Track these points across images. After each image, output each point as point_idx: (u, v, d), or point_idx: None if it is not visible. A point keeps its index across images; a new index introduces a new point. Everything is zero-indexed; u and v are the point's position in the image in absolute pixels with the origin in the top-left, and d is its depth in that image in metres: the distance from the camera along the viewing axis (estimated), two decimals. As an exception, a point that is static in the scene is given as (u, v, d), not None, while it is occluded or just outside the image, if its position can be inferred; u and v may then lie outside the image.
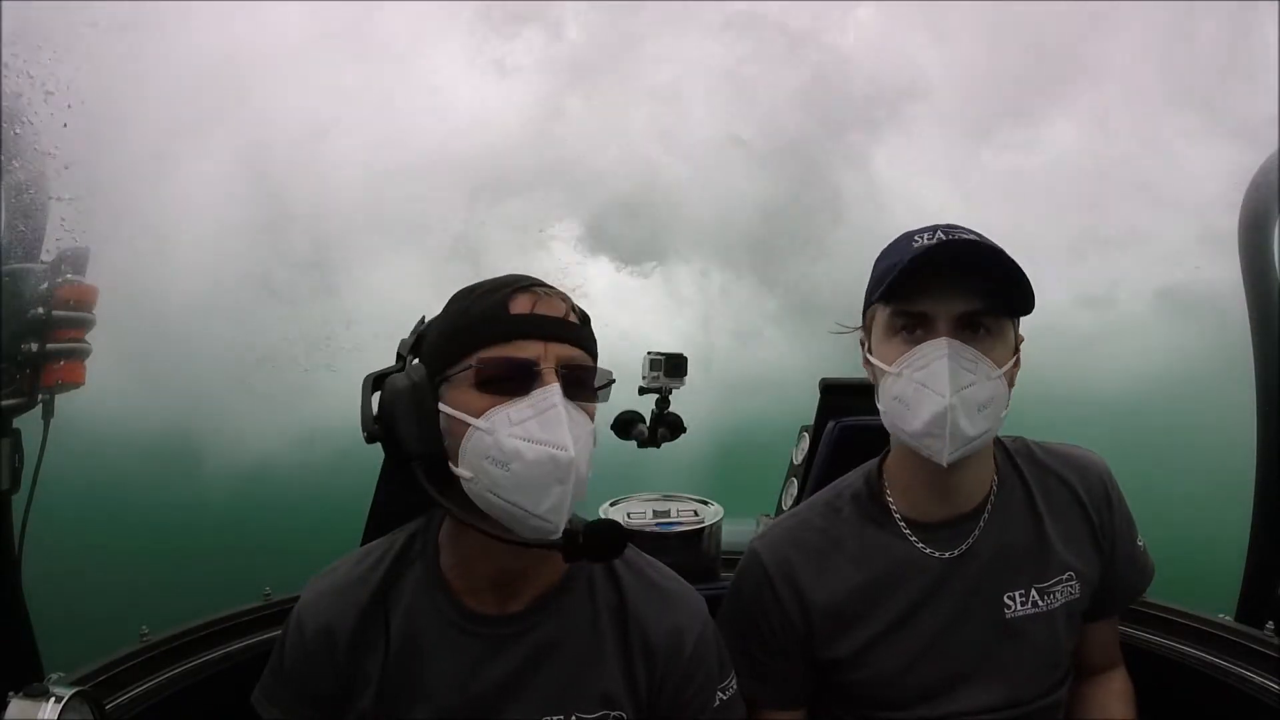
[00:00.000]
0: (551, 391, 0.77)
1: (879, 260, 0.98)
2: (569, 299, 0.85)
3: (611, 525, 0.81)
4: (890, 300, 0.91)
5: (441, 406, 0.80)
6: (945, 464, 0.88)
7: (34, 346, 1.26)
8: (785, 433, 1.81)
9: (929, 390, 0.87)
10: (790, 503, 1.64)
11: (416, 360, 0.85)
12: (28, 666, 1.28)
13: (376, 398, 0.84)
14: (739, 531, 1.68)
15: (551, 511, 0.76)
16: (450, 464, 0.79)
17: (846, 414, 1.39)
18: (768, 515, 1.83)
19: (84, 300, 1.35)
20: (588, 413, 0.82)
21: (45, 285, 1.30)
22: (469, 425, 0.77)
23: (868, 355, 0.98)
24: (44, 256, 1.32)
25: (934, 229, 0.93)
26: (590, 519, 0.94)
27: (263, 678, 0.90)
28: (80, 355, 1.35)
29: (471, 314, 0.81)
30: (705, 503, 1.66)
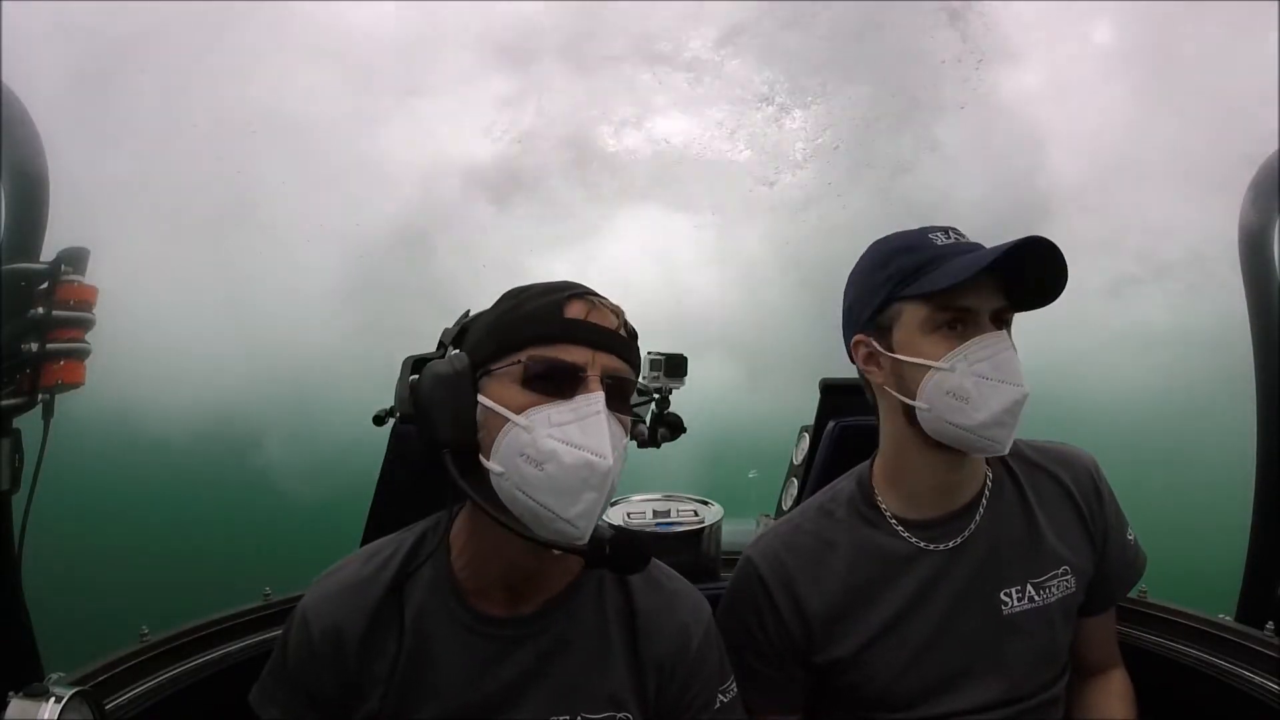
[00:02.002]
0: (596, 399, 0.77)
1: (893, 256, 0.96)
2: (621, 313, 0.85)
3: (638, 540, 0.82)
4: (931, 297, 0.91)
5: (480, 398, 0.80)
6: (1005, 452, 0.92)
7: (34, 346, 1.27)
8: (785, 432, 1.81)
9: (998, 382, 0.89)
10: (790, 503, 1.64)
11: (458, 350, 0.85)
12: (28, 666, 1.28)
13: (411, 381, 0.84)
14: (739, 531, 1.68)
15: (580, 517, 0.76)
16: (480, 456, 0.79)
17: (846, 414, 1.39)
18: (768, 515, 1.83)
19: (84, 300, 1.35)
20: (623, 425, 0.82)
21: (45, 285, 1.30)
22: (507, 420, 0.77)
23: (892, 354, 0.95)
24: (44, 256, 1.33)
25: (945, 230, 0.96)
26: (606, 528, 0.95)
27: (262, 677, 0.90)
28: (80, 355, 1.35)
29: (523, 312, 0.81)
30: (705, 503, 1.66)
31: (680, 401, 1.64)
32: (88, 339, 1.37)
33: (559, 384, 0.78)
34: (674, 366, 1.62)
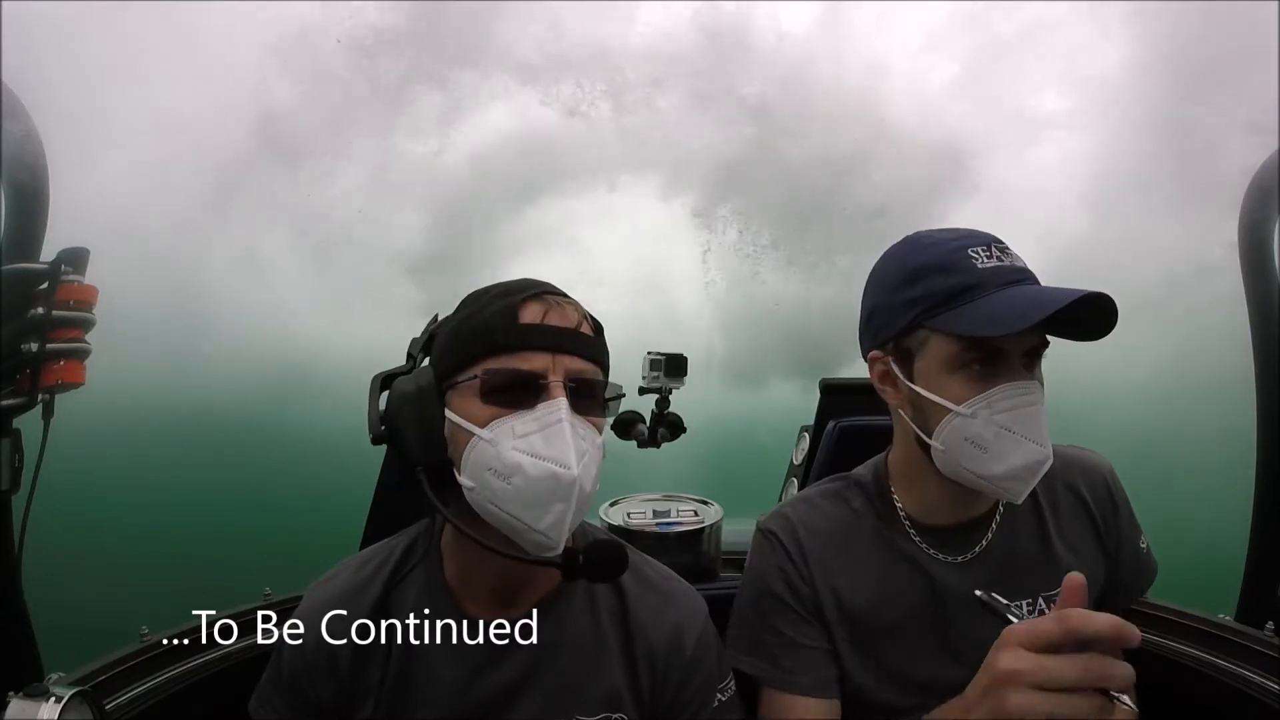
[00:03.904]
0: (557, 405, 0.76)
1: (926, 273, 0.87)
2: (581, 308, 0.83)
3: (613, 546, 0.80)
4: (960, 330, 0.83)
5: (447, 413, 0.79)
6: (1020, 501, 0.88)
7: (34, 346, 1.27)
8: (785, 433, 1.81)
9: (1020, 438, 0.83)
10: (790, 503, 1.64)
11: (426, 362, 0.85)
12: (28, 666, 1.28)
13: (384, 398, 0.83)
14: (739, 531, 1.68)
15: (552, 528, 0.75)
16: (455, 471, 0.79)
17: (846, 414, 1.38)
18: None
19: (84, 300, 1.35)
20: (595, 426, 0.81)
21: (45, 285, 1.30)
22: (473, 435, 0.76)
23: (910, 384, 0.89)
24: (44, 256, 1.33)
25: (987, 244, 0.86)
26: (597, 530, 0.93)
27: (260, 686, 0.89)
28: (80, 355, 1.35)
29: (479, 320, 0.80)
30: (705, 503, 1.66)
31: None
32: (88, 339, 1.36)
33: (519, 394, 0.76)
34: (674, 366, 1.62)
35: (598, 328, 0.84)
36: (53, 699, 0.88)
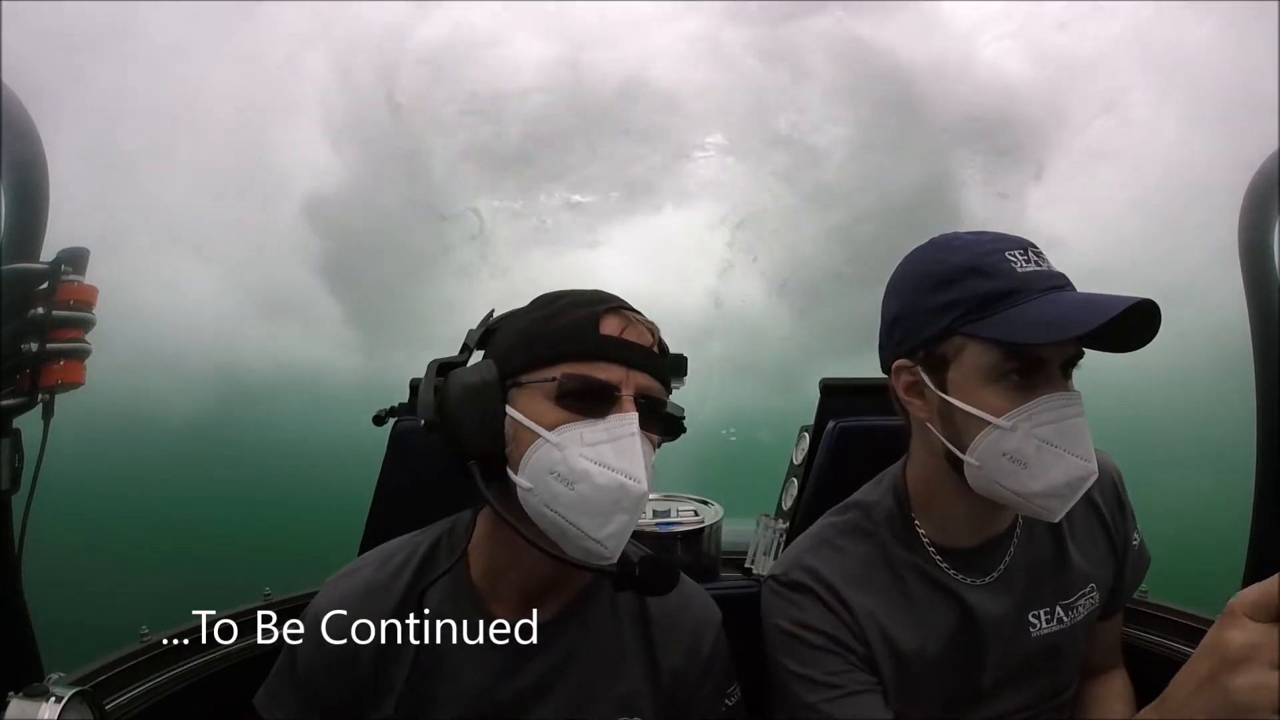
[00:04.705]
0: (630, 419, 0.77)
1: (962, 275, 0.82)
2: (656, 330, 0.84)
3: (667, 563, 0.81)
4: (1004, 337, 0.79)
5: (509, 410, 0.79)
6: (1057, 520, 0.84)
7: (34, 346, 1.26)
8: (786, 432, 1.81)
9: (1063, 452, 0.79)
10: (790, 503, 1.64)
11: (483, 356, 0.84)
12: (28, 666, 1.28)
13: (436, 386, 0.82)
14: (739, 531, 1.68)
15: (610, 538, 0.76)
16: (508, 469, 0.78)
17: (846, 414, 1.38)
18: (768, 515, 1.83)
19: (84, 300, 1.35)
20: (652, 444, 0.82)
21: (45, 285, 1.30)
22: (538, 436, 0.76)
23: (942, 395, 0.84)
24: (44, 256, 1.33)
25: (1024, 248, 0.83)
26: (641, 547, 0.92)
27: (269, 679, 0.89)
28: (80, 355, 1.35)
29: (558, 325, 0.80)
30: (705, 503, 1.66)
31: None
32: (88, 339, 1.36)
33: (593, 403, 0.77)
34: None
35: (664, 349, 0.85)
36: (53, 699, 0.88)
